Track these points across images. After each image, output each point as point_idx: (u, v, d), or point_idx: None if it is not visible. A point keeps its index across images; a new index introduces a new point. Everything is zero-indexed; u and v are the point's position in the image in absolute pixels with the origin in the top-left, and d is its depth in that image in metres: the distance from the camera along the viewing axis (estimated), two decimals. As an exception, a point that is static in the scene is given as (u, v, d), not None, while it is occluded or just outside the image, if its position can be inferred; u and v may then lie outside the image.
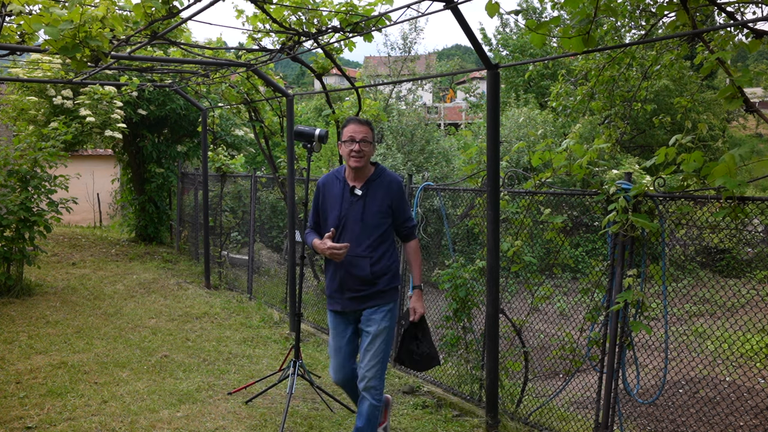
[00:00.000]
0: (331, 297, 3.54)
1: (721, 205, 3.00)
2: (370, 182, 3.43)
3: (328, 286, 3.55)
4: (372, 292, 3.43)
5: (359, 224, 3.39)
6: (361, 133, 3.36)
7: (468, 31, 3.52)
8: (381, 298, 3.46)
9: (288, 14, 4.86)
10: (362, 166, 3.38)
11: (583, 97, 6.33)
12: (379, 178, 3.45)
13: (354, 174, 3.44)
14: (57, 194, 7.91)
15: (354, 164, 3.36)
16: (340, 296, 3.47)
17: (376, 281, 3.43)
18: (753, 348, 6.56)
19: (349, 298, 3.45)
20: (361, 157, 3.36)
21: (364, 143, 3.36)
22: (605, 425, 3.70)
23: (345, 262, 3.40)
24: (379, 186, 3.44)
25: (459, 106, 38.99)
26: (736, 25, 4.24)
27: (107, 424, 4.10)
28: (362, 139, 3.35)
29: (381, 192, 3.43)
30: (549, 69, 23.77)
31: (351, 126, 3.40)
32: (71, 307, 7.25)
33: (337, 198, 3.43)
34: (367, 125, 3.41)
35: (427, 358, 3.60)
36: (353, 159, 3.36)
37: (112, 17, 3.40)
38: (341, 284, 3.45)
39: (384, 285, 3.45)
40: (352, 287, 3.42)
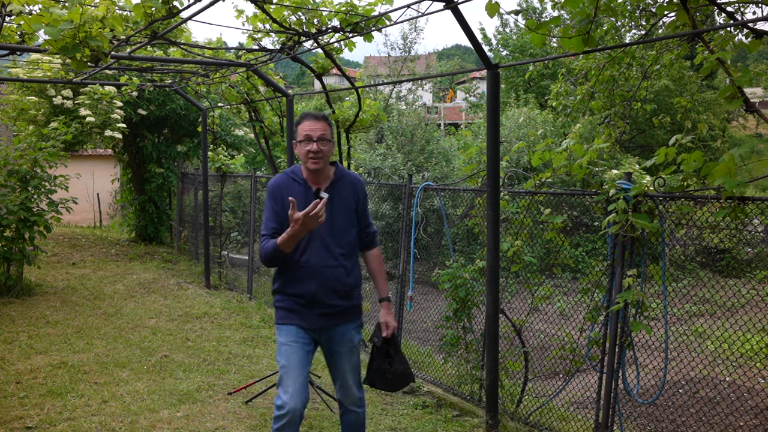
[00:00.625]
0: (292, 311, 3.04)
1: (721, 205, 3.00)
2: (334, 184, 3.06)
3: (289, 300, 3.04)
4: (346, 307, 3.07)
5: (329, 231, 3.01)
6: (319, 131, 2.95)
7: (468, 31, 3.52)
8: (354, 313, 3.13)
9: (288, 14, 4.86)
10: (322, 167, 2.99)
11: (583, 96, 6.33)
12: (342, 179, 3.10)
13: (314, 176, 3.04)
14: (57, 194, 7.91)
15: (313, 166, 2.96)
16: (307, 312, 3.01)
17: (351, 294, 3.08)
18: (753, 348, 6.56)
19: (320, 314, 3.01)
20: (320, 158, 2.96)
21: (323, 142, 2.96)
22: (605, 425, 3.70)
23: (314, 274, 2.98)
24: (344, 187, 3.10)
25: (459, 106, 39.00)
26: (736, 25, 4.24)
27: (107, 424, 4.10)
28: (320, 137, 2.95)
29: (346, 194, 3.10)
30: (549, 69, 23.77)
31: (306, 123, 2.99)
32: (71, 307, 7.25)
33: (299, 202, 2.96)
34: (324, 120, 3.00)
35: (401, 377, 3.21)
36: (311, 161, 2.96)
37: (112, 17, 3.40)
38: (312, 299, 2.99)
39: (357, 299, 3.14)
40: (326, 302, 3.00)
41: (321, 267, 2.98)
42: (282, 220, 2.98)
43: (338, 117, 6.39)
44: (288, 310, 3.05)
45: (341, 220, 3.04)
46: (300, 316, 3.02)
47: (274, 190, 3.06)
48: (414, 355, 5.89)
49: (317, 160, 2.95)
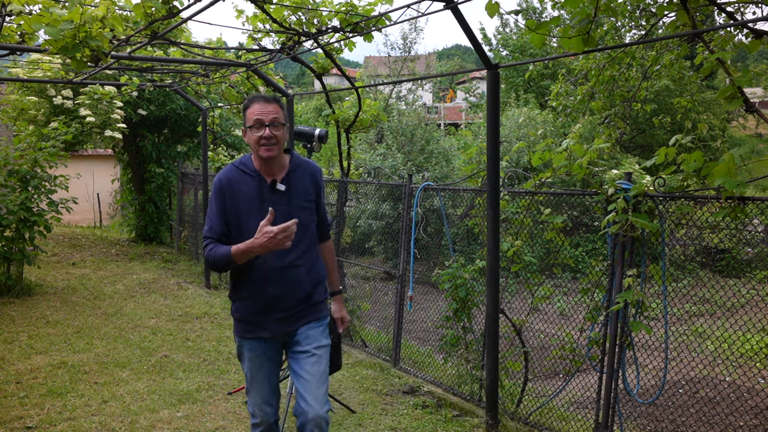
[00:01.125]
0: (249, 323, 2.77)
1: (721, 205, 3.00)
2: (291, 174, 2.76)
3: (244, 310, 2.76)
4: (308, 306, 2.80)
5: None
6: (271, 114, 2.64)
7: (468, 31, 3.52)
8: (318, 311, 2.85)
9: (288, 14, 4.86)
10: (276, 155, 2.67)
11: (583, 96, 6.33)
12: (299, 168, 2.80)
13: (268, 166, 2.71)
14: (57, 194, 7.91)
15: (266, 154, 2.64)
16: (265, 319, 2.73)
17: (312, 294, 2.81)
18: (753, 348, 6.56)
19: (278, 319, 2.73)
20: (274, 145, 2.64)
21: (276, 127, 2.64)
22: (605, 425, 3.70)
23: (273, 276, 2.70)
24: (302, 177, 2.79)
25: (459, 106, 39.01)
26: (736, 25, 4.24)
27: (107, 424, 4.10)
28: (272, 121, 2.63)
29: (305, 185, 2.80)
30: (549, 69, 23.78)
31: (256, 106, 2.66)
32: (71, 307, 7.25)
33: (252, 198, 2.68)
34: (276, 103, 2.69)
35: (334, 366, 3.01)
36: (264, 148, 2.64)
37: (112, 17, 3.40)
38: (268, 305, 2.72)
39: (320, 295, 2.86)
40: (284, 306, 2.73)
41: (279, 268, 2.70)
42: (231, 221, 2.69)
43: (338, 117, 6.39)
44: (244, 322, 2.78)
45: (302, 214, 2.73)
46: (259, 326, 2.75)
47: (222, 185, 2.71)
48: (414, 355, 5.89)
49: (270, 147, 2.64)
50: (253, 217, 2.65)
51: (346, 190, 6.30)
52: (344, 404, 4.51)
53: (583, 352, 3.99)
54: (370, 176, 13.43)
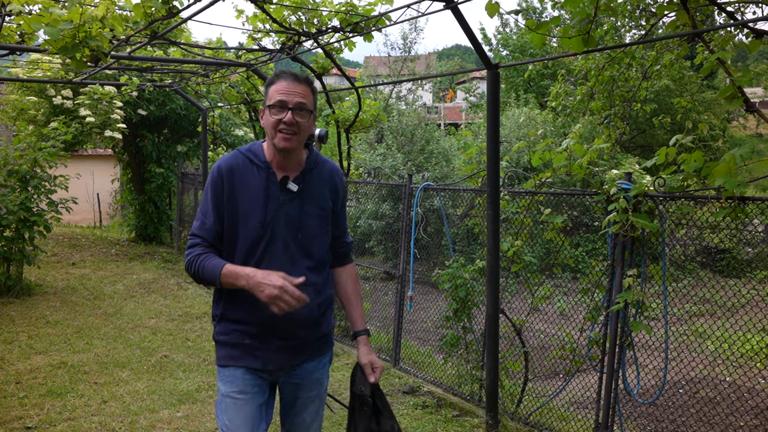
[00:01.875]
0: (238, 347, 2.22)
1: (721, 205, 3.00)
2: (307, 173, 2.25)
3: (234, 331, 2.22)
4: (316, 337, 2.29)
5: (296, 236, 2.20)
6: (298, 96, 2.12)
7: (468, 31, 3.52)
8: (324, 345, 2.36)
9: (288, 14, 4.86)
10: (295, 147, 2.16)
11: (583, 97, 6.33)
12: (317, 168, 2.29)
13: (282, 159, 2.20)
14: (57, 194, 7.91)
15: (283, 144, 2.13)
16: (261, 346, 2.20)
17: (320, 320, 2.29)
18: (753, 348, 6.56)
19: (279, 349, 2.21)
20: (295, 134, 2.13)
21: (301, 113, 2.13)
22: (605, 425, 3.70)
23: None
24: (319, 179, 2.29)
25: (459, 106, 39.01)
26: (736, 25, 4.24)
27: (107, 424, 4.10)
28: (298, 105, 2.12)
29: (322, 188, 2.29)
30: (549, 69, 23.78)
31: (282, 83, 2.13)
32: (71, 307, 7.25)
33: (256, 194, 2.17)
34: (307, 84, 2.17)
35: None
36: (282, 136, 2.12)
37: (112, 17, 3.40)
38: (269, 329, 2.18)
39: (327, 326, 2.35)
40: (287, 333, 2.21)
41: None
42: (227, 219, 2.18)
43: (338, 117, 6.39)
44: (232, 345, 2.22)
45: (313, 222, 2.24)
46: (250, 353, 2.20)
47: (222, 173, 2.19)
48: (414, 355, 5.89)
49: (290, 136, 2.12)
50: (253, 217, 2.15)
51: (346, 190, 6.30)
52: (344, 404, 4.50)
53: (583, 352, 3.99)
54: (370, 176, 13.43)
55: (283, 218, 2.18)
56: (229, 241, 2.19)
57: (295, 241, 2.20)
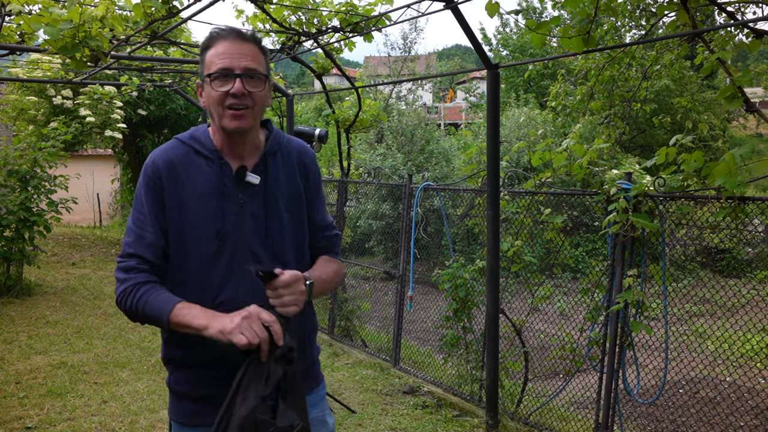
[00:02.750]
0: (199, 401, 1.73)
1: (722, 205, 3.00)
2: (269, 158, 1.75)
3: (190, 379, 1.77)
4: (307, 364, 1.83)
5: (266, 242, 1.71)
6: (245, 58, 1.63)
7: (468, 31, 3.52)
8: (317, 372, 1.90)
9: (288, 14, 4.86)
10: (249, 126, 1.67)
11: (583, 97, 6.33)
12: (281, 149, 1.79)
13: (234, 144, 1.71)
14: (57, 194, 7.91)
15: (234, 124, 1.64)
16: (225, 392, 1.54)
17: (308, 343, 1.85)
18: (753, 348, 6.56)
19: None
20: (247, 108, 1.64)
21: (252, 80, 1.64)
22: (605, 425, 3.69)
23: None
24: (285, 164, 1.78)
25: (459, 106, 39.01)
26: (737, 25, 4.24)
27: (107, 424, 4.10)
28: (247, 69, 1.63)
29: (289, 175, 1.78)
30: (549, 69, 23.78)
31: (222, 44, 1.64)
32: (71, 307, 7.24)
33: (207, 194, 1.67)
34: (254, 42, 1.67)
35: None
36: (231, 114, 1.63)
37: (112, 17, 3.40)
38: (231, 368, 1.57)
39: (315, 349, 1.90)
40: None
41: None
42: (176, 232, 1.66)
43: (338, 117, 6.39)
44: (193, 399, 1.74)
45: (285, 221, 1.73)
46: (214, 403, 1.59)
47: (159, 170, 1.68)
48: (414, 355, 5.89)
49: (241, 111, 1.63)
50: (206, 225, 1.63)
51: (346, 190, 6.30)
52: (344, 404, 4.50)
53: (583, 352, 3.99)
54: (370, 176, 13.43)
55: (247, 221, 1.67)
56: (177, 259, 1.66)
57: (264, 249, 1.69)
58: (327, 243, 1.89)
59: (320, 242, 1.87)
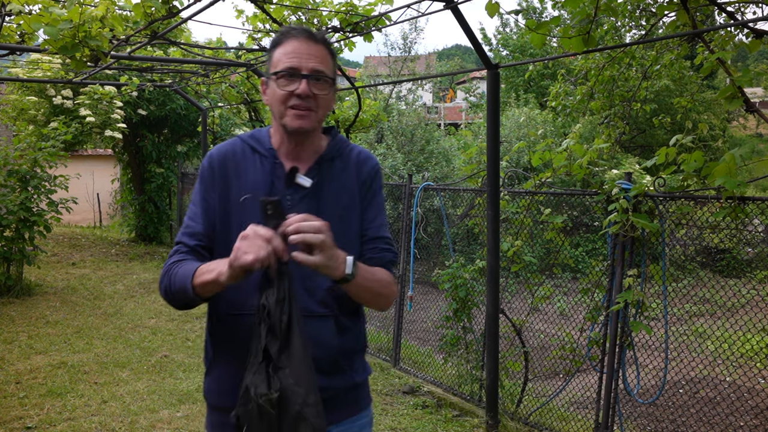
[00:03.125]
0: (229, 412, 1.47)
1: (722, 205, 3.00)
2: (325, 163, 1.68)
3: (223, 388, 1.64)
4: (339, 388, 1.65)
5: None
6: (313, 59, 1.58)
7: (468, 31, 3.52)
8: (356, 400, 1.71)
9: (288, 14, 4.86)
10: (311, 128, 1.62)
11: (583, 96, 6.33)
12: (340, 157, 1.72)
13: (293, 145, 1.65)
14: (57, 194, 7.91)
15: (297, 123, 1.58)
16: None
17: (345, 363, 1.67)
18: (753, 348, 6.56)
19: None
20: (311, 111, 1.59)
21: (319, 83, 1.59)
22: (605, 425, 3.69)
23: None
24: (342, 171, 1.70)
25: (459, 106, 39.01)
26: (737, 25, 4.24)
27: (107, 424, 4.10)
28: (314, 71, 1.58)
29: (346, 183, 1.70)
30: (549, 69, 23.78)
31: (292, 43, 1.59)
32: (71, 307, 7.24)
33: (258, 191, 1.62)
34: (323, 44, 1.62)
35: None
36: (294, 113, 1.58)
37: (112, 17, 3.40)
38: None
39: (361, 371, 1.72)
40: None
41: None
42: (223, 228, 1.63)
43: (338, 117, 6.39)
44: (221, 410, 1.60)
45: (335, 230, 1.52)
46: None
47: (213, 164, 1.68)
48: (414, 355, 5.89)
49: (304, 112, 1.58)
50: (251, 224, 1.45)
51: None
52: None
53: (583, 352, 3.99)
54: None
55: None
56: (223, 245, 1.60)
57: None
58: (377, 256, 1.69)
59: (368, 254, 1.69)
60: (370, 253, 1.69)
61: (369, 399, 1.77)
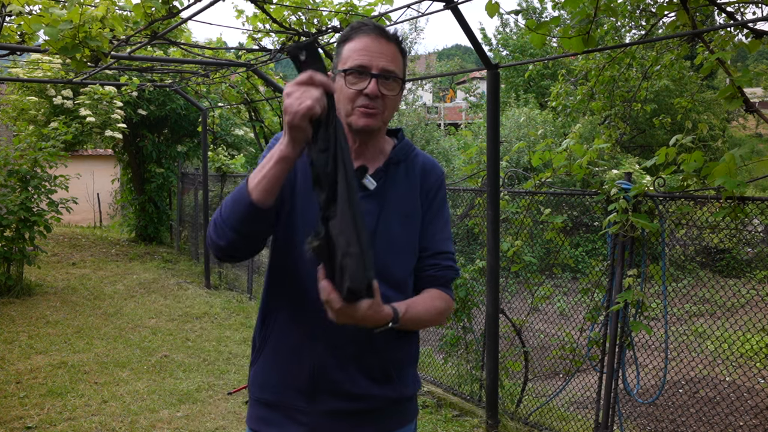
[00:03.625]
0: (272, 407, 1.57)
1: (721, 205, 3.00)
2: (392, 166, 1.62)
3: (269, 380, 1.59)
4: (386, 399, 1.60)
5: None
6: (384, 58, 1.51)
7: (468, 31, 3.52)
8: (403, 413, 1.67)
9: (288, 14, 4.86)
10: (377, 128, 1.56)
11: (583, 97, 6.33)
12: (406, 161, 1.65)
13: (357, 143, 1.59)
14: (57, 194, 7.91)
15: (363, 122, 1.52)
16: (302, 405, 1.54)
17: (395, 375, 1.63)
18: (753, 348, 6.56)
19: (328, 413, 1.54)
20: (377, 112, 1.52)
21: (388, 82, 1.53)
22: (605, 425, 3.70)
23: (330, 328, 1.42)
24: (407, 176, 1.64)
25: (459, 106, 38.99)
26: (736, 25, 4.24)
27: (107, 424, 4.10)
28: (384, 70, 1.51)
29: (409, 188, 1.63)
30: (549, 69, 23.78)
31: (362, 39, 1.52)
32: (71, 307, 7.25)
33: None
34: (396, 44, 1.55)
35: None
36: (361, 111, 1.52)
37: (112, 17, 3.41)
38: (314, 377, 1.53)
39: (411, 385, 1.71)
40: (343, 388, 1.54)
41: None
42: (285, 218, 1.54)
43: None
44: (263, 404, 1.59)
45: (395, 234, 1.56)
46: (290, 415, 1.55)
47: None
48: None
49: (372, 111, 1.52)
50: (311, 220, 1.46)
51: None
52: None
53: (583, 352, 4.00)
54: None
55: None
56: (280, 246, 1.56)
57: None
58: (439, 273, 1.62)
59: (430, 270, 1.62)
60: (432, 270, 1.63)
61: (416, 412, 1.71)
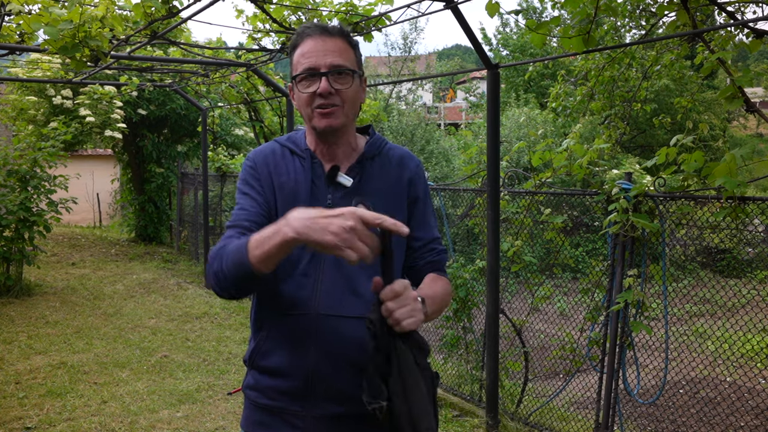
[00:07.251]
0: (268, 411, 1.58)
1: (722, 205, 3.00)
2: (366, 161, 1.64)
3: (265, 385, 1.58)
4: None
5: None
6: (330, 54, 1.53)
7: (468, 31, 3.52)
8: None
9: (288, 14, 4.86)
10: (340, 126, 1.56)
11: (583, 97, 6.32)
12: (380, 155, 1.66)
13: (326, 144, 1.61)
14: (57, 194, 7.91)
15: (324, 123, 1.54)
16: (298, 410, 1.53)
17: None
18: (753, 348, 6.56)
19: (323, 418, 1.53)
20: (336, 107, 1.54)
21: (340, 77, 1.53)
22: (605, 425, 3.69)
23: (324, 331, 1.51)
24: (384, 170, 1.65)
25: (459, 106, 39.00)
26: (737, 25, 4.23)
27: (107, 424, 4.10)
28: (332, 66, 1.52)
29: (387, 182, 1.64)
30: (549, 69, 23.77)
31: (307, 43, 1.55)
32: (71, 307, 7.24)
33: (299, 191, 1.59)
34: (341, 37, 1.56)
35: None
36: (319, 113, 1.54)
37: (112, 17, 3.40)
38: (309, 383, 1.53)
39: None
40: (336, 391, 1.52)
41: (331, 317, 1.51)
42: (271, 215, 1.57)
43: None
44: (260, 408, 1.59)
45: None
46: (285, 419, 1.55)
47: (256, 163, 1.63)
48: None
49: (330, 110, 1.53)
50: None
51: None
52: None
53: (583, 352, 3.99)
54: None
55: None
56: None
57: None
58: (435, 258, 1.69)
59: (427, 258, 1.68)
60: (429, 256, 1.68)
61: None
